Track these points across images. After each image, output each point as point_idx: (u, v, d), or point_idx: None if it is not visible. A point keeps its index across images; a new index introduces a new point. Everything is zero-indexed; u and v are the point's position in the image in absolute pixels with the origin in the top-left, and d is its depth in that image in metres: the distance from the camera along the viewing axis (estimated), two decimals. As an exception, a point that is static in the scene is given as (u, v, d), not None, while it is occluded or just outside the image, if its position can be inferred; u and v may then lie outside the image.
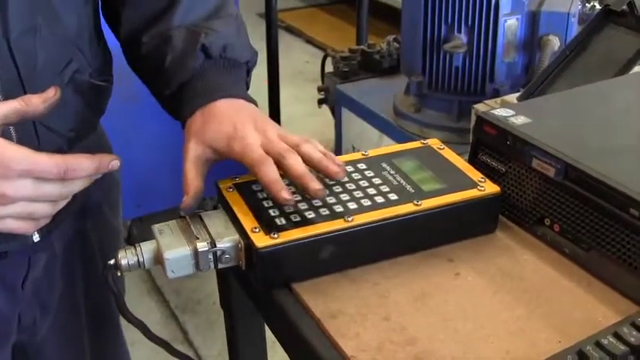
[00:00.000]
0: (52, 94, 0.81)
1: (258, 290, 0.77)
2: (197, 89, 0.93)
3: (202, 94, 0.91)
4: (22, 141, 0.89)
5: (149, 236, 0.79)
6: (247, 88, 0.99)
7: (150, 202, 2.79)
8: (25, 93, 0.87)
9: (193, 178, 0.85)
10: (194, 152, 0.87)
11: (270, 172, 0.79)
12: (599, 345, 0.64)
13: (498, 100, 1.64)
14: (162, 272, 0.77)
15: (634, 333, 0.64)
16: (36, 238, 0.97)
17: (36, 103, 0.80)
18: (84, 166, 0.78)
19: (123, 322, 0.82)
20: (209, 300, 2.64)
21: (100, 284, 1.15)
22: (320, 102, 2.62)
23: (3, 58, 0.84)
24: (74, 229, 1.08)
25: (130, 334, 0.83)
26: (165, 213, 2.81)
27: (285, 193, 0.77)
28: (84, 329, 1.17)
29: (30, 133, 0.90)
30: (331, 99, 2.53)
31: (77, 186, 0.80)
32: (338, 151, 2.49)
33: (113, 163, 0.80)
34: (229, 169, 0.88)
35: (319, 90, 2.60)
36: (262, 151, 0.82)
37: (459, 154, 0.91)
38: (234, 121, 0.86)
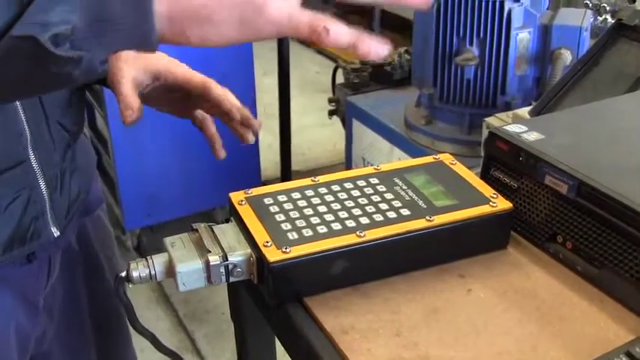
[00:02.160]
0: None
1: (269, 304, 0.77)
2: None
3: None
4: (36, 141, 0.92)
5: (159, 245, 0.79)
6: None
7: (160, 212, 2.80)
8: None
9: (134, 96, 0.88)
10: (129, 74, 0.90)
11: (221, 88, 0.93)
12: (611, 364, 0.64)
13: (510, 113, 1.64)
14: (171, 281, 0.77)
15: (647, 353, 0.64)
16: (56, 233, 0.99)
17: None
18: None
19: (132, 330, 0.82)
20: (218, 309, 2.65)
21: (103, 284, 1.17)
22: (331, 113, 2.63)
23: None
24: (79, 226, 1.11)
25: (140, 340, 0.84)
26: (175, 222, 2.83)
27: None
28: (90, 336, 1.17)
29: (43, 132, 0.94)
30: (342, 110, 2.54)
31: None
32: (348, 162, 2.49)
33: None
34: (240, 182, 0.88)
35: (330, 101, 2.61)
36: None
37: (470, 167, 0.91)
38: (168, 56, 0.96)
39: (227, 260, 0.76)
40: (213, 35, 0.62)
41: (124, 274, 0.78)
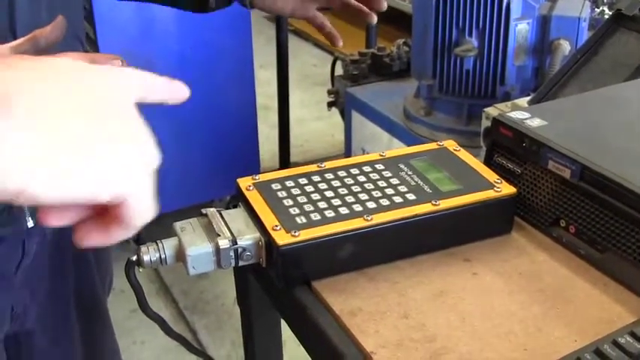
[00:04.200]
0: (60, 20, 0.78)
1: (278, 288, 0.78)
2: None
3: None
4: None
5: (158, 237, 0.80)
6: None
7: (159, 203, 2.81)
8: None
9: None
10: None
11: None
12: (616, 344, 0.65)
13: (509, 103, 1.65)
14: (171, 272, 0.78)
15: (651, 332, 0.65)
16: (30, 223, 0.99)
17: (47, 30, 0.76)
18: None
19: (132, 322, 0.83)
20: (218, 301, 2.66)
21: (90, 276, 1.18)
22: (330, 105, 2.64)
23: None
24: None
25: (140, 333, 0.85)
26: (174, 214, 2.82)
27: None
28: (74, 319, 1.18)
29: None
30: (341, 102, 2.55)
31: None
32: (348, 153, 2.51)
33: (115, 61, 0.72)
34: (239, 174, 0.89)
35: (329, 93, 2.61)
36: None
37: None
38: None
39: (236, 244, 0.77)
40: None
41: (134, 257, 0.79)
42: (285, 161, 3.19)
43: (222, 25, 2.66)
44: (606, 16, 1.93)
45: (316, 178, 0.85)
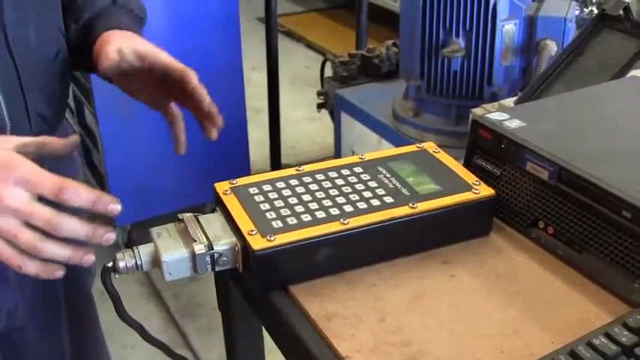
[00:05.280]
0: (74, 140, 0.86)
1: (254, 292, 0.78)
2: (105, 23, 1.02)
3: (111, 25, 1.01)
4: (16, 127, 0.93)
5: (150, 241, 0.80)
6: None
7: (150, 206, 2.80)
8: (22, 85, 0.94)
9: (114, 52, 0.95)
10: (118, 44, 0.96)
11: (198, 80, 0.99)
12: (590, 345, 0.65)
13: (496, 104, 1.65)
14: (162, 276, 0.78)
15: (625, 333, 0.65)
16: None
17: (58, 143, 0.84)
18: (80, 192, 0.78)
19: (123, 326, 0.83)
20: (209, 304, 2.65)
21: (79, 275, 1.18)
22: (319, 106, 2.64)
23: (1, 49, 0.90)
24: None
25: (130, 337, 0.85)
26: (166, 217, 2.81)
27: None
28: (62, 318, 1.19)
29: (23, 120, 0.97)
30: (330, 103, 2.54)
31: (67, 228, 0.78)
32: (338, 154, 2.50)
33: (113, 206, 0.80)
34: (230, 177, 0.88)
35: (319, 94, 2.61)
36: None
37: (457, 158, 0.92)
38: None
39: (212, 249, 0.77)
40: None
41: (110, 264, 0.79)
42: (276, 164, 3.19)
43: (211, 29, 2.66)
44: (594, 16, 1.92)
45: (294, 182, 0.85)
